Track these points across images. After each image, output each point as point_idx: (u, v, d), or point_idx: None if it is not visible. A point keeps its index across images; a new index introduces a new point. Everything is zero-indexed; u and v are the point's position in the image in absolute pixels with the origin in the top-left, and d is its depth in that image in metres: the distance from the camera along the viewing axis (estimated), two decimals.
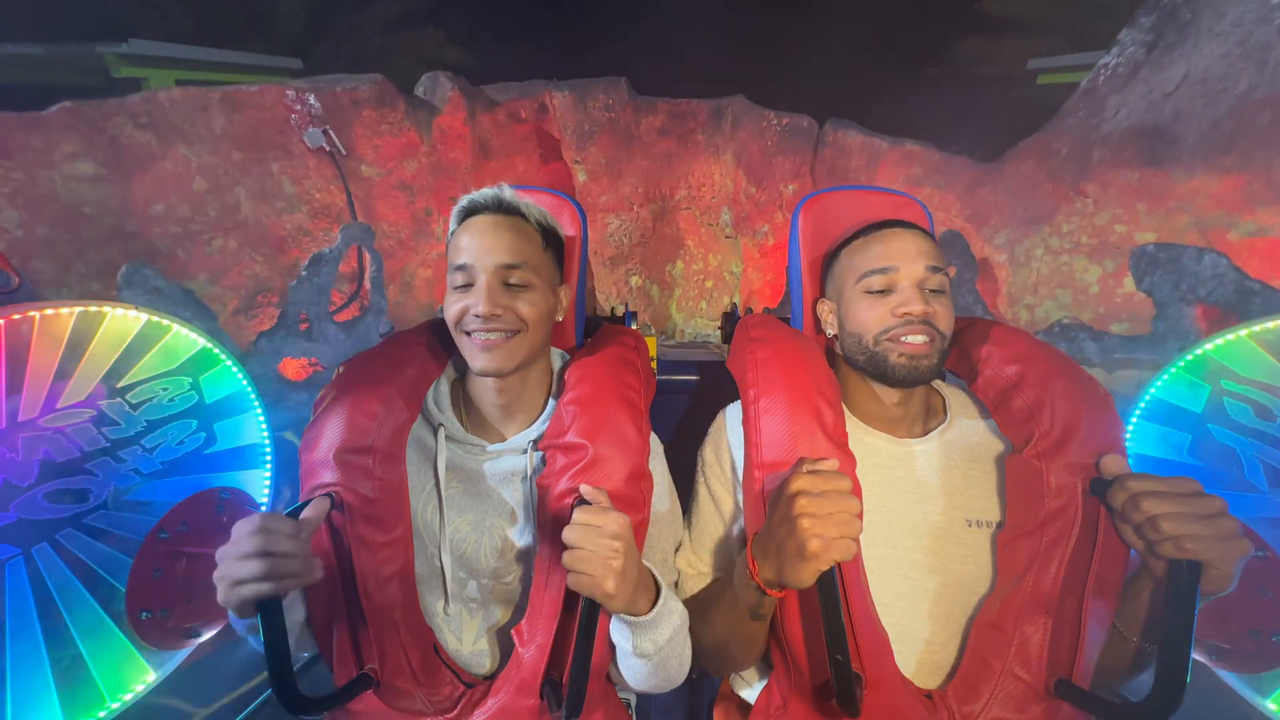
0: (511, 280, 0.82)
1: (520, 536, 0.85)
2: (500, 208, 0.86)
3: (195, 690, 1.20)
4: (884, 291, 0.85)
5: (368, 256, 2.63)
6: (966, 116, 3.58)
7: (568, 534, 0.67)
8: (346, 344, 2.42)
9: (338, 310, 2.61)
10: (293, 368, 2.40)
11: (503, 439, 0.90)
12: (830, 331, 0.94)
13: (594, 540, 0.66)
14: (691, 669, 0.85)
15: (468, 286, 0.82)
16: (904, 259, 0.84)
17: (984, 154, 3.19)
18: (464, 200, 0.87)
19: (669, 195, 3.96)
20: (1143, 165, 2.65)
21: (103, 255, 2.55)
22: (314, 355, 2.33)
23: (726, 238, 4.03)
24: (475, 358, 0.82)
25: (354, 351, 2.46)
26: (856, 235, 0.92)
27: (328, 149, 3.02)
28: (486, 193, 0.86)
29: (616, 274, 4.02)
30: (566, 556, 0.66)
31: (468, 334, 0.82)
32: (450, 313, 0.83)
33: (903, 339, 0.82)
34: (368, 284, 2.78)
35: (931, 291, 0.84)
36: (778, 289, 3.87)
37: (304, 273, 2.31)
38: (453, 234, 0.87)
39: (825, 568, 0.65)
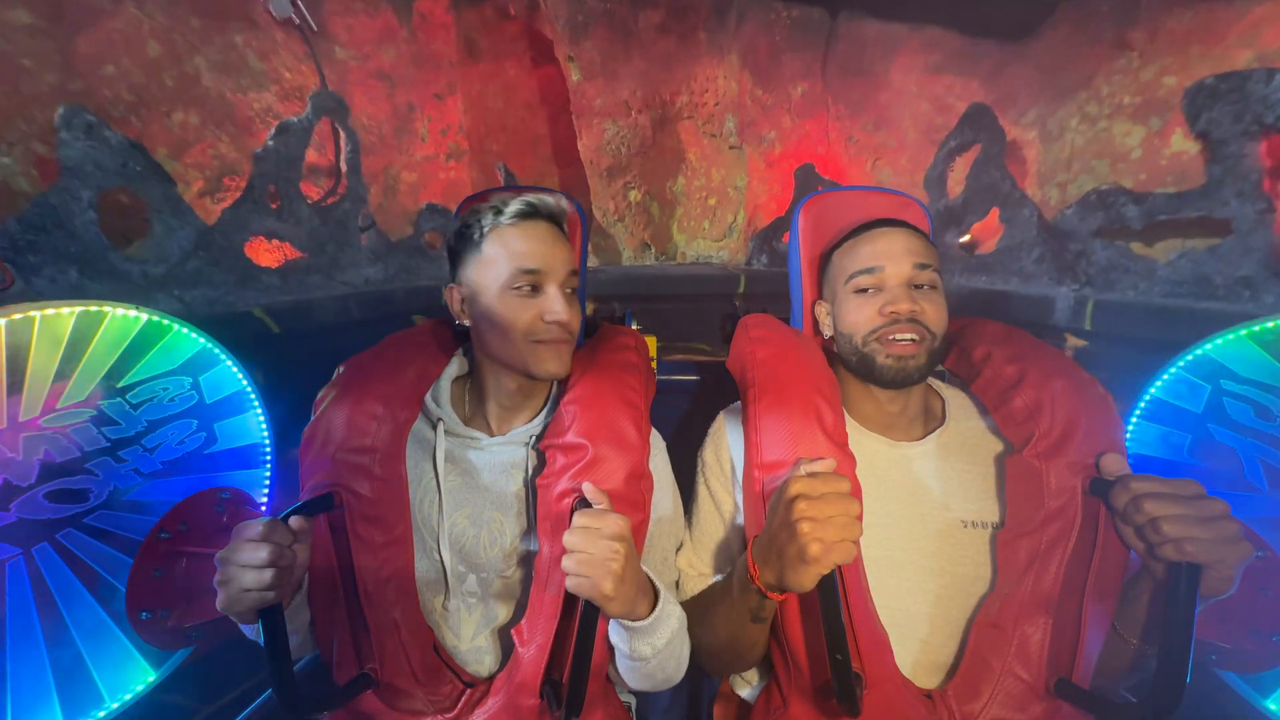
0: (572, 285, 0.87)
1: (519, 531, 0.86)
2: (556, 218, 0.88)
3: (198, 687, 1.20)
4: (872, 292, 0.86)
5: (342, 135, 2.40)
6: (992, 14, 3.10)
7: (568, 538, 0.67)
8: (322, 230, 2.25)
9: (316, 204, 2.37)
10: (265, 255, 2.18)
11: (503, 435, 0.90)
12: (827, 333, 0.95)
13: (594, 542, 0.66)
14: (692, 669, 0.85)
15: (534, 291, 0.83)
16: (890, 258, 0.85)
17: (1014, 34, 2.83)
18: (519, 202, 0.86)
19: (669, 102, 3.61)
20: (1198, 1, 2.27)
21: (46, 114, 2.23)
22: (285, 238, 2.13)
23: (731, 148, 3.69)
24: (546, 362, 0.84)
25: (329, 239, 2.34)
26: (847, 237, 0.92)
27: (296, 21, 2.72)
28: (546, 200, 0.87)
29: (614, 186, 3.69)
30: (566, 559, 0.66)
31: (530, 339, 0.83)
32: (515, 319, 0.82)
33: (890, 338, 0.83)
34: (343, 166, 2.55)
35: (919, 289, 0.84)
36: (783, 201, 3.64)
37: (270, 142, 2.09)
38: (499, 227, 0.85)
39: (826, 571, 0.65)
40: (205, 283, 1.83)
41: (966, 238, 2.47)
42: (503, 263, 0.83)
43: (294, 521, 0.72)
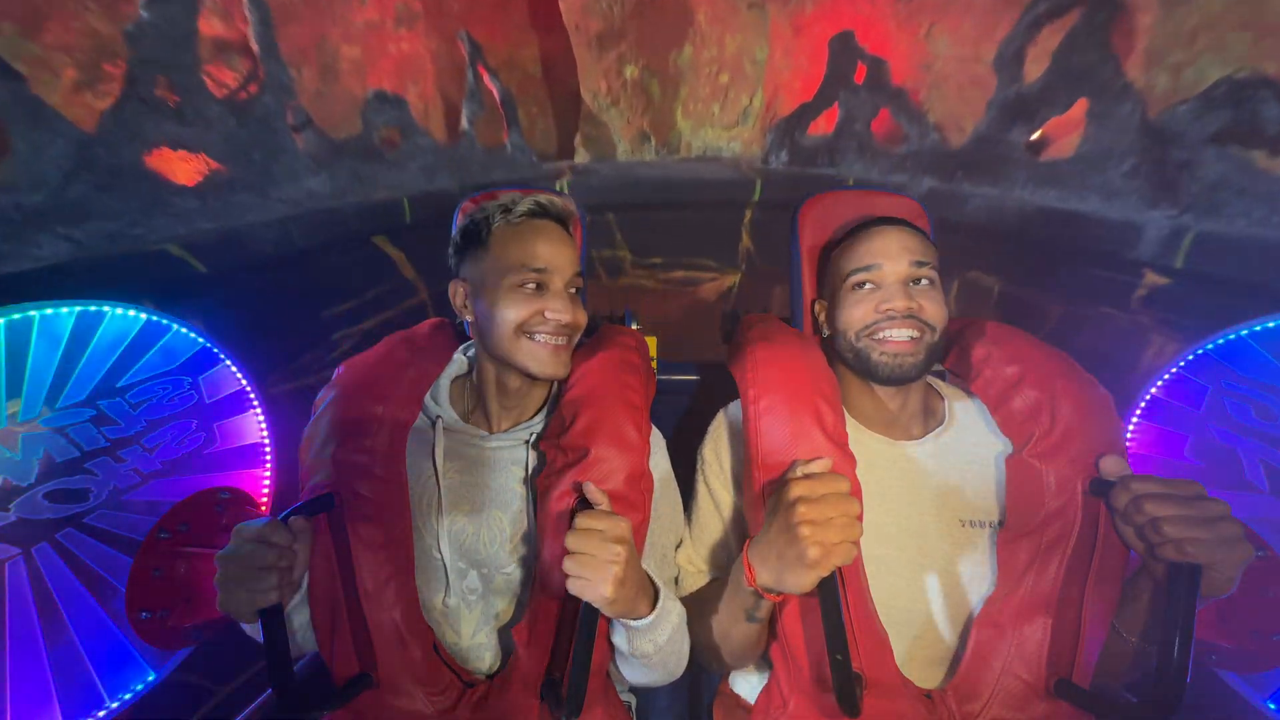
0: (576, 285, 0.88)
1: (519, 529, 0.86)
2: (563, 219, 0.90)
3: (213, 668, 1.20)
4: (870, 289, 0.86)
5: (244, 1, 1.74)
6: None
7: (569, 540, 0.67)
8: (240, 133, 1.68)
9: (229, 98, 1.77)
10: (180, 168, 1.63)
11: (502, 432, 0.90)
12: (826, 332, 0.95)
13: (594, 545, 0.66)
14: (691, 668, 0.85)
15: (539, 290, 0.85)
16: (887, 256, 0.85)
17: None
18: (529, 201, 0.88)
19: None
20: None
21: None
22: (197, 146, 1.60)
23: (750, 8, 2.94)
24: (545, 363, 0.85)
25: (251, 143, 1.80)
26: (845, 235, 0.93)
27: None
28: (555, 201, 0.90)
29: (606, 60, 2.98)
30: (567, 561, 0.66)
31: (531, 336, 0.84)
32: (517, 315, 0.84)
33: (885, 335, 0.83)
34: (254, 45, 1.85)
35: (917, 285, 0.85)
36: (811, 80, 2.89)
37: (144, 14, 1.48)
38: (508, 226, 0.86)
39: (826, 573, 0.65)
40: (99, 213, 1.37)
41: (1037, 134, 1.93)
42: (510, 260, 0.85)
43: (294, 522, 0.72)
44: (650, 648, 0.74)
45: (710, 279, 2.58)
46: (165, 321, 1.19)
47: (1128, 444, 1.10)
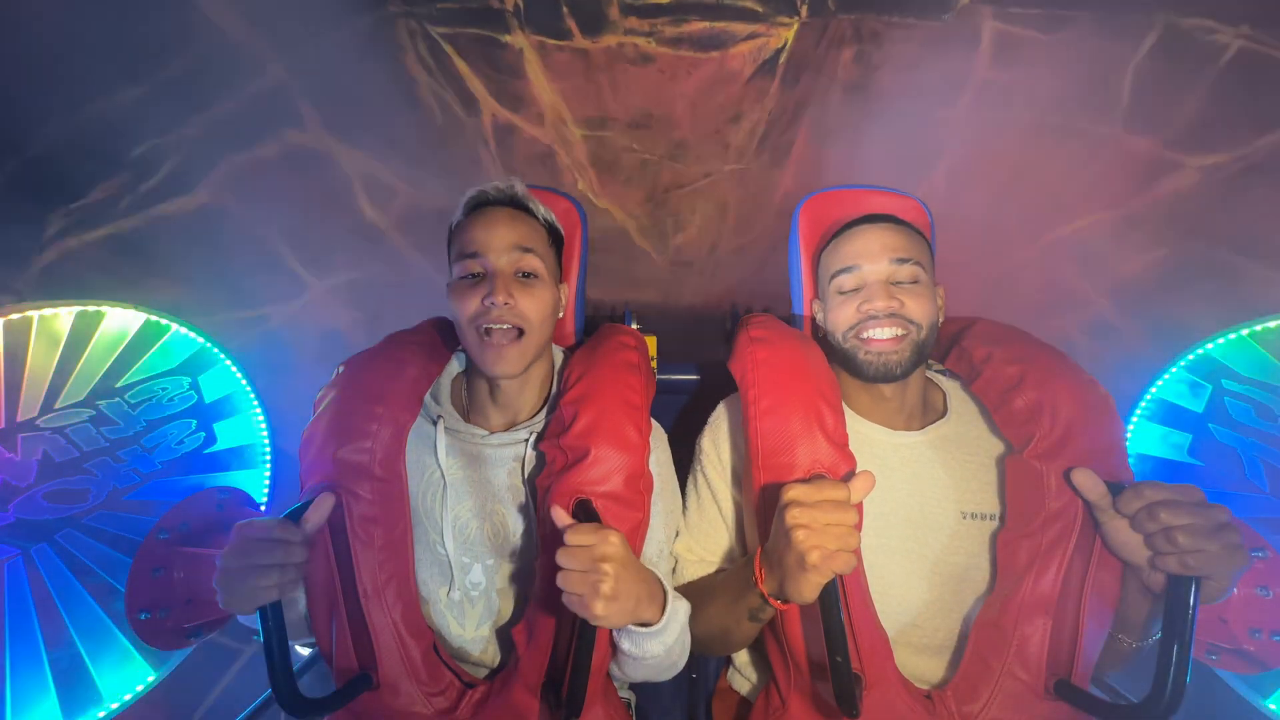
0: (522, 268, 0.85)
1: (521, 528, 0.86)
2: (512, 202, 0.88)
3: (242, 629, 1.19)
4: (853, 290, 0.87)
5: None
6: None
7: (560, 557, 0.66)
8: None
9: None
10: None
11: (503, 430, 0.90)
12: (823, 331, 0.96)
13: (584, 563, 0.65)
14: (694, 671, 0.85)
15: (480, 277, 0.84)
16: (868, 257, 0.86)
17: None
18: (474, 191, 0.88)
19: None
20: None
21: None
22: None
23: None
24: (487, 363, 0.83)
25: None
26: (832, 236, 0.94)
27: None
28: (499, 185, 0.89)
29: None
30: (559, 577, 0.66)
31: (482, 333, 0.83)
32: (466, 309, 0.83)
33: (869, 335, 0.84)
34: None
35: (900, 284, 0.85)
36: None
37: None
38: (457, 224, 0.88)
39: (826, 580, 0.65)
40: None
41: None
42: (456, 255, 0.86)
43: (311, 513, 0.73)
44: (660, 649, 0.74)
45: (746, 35, 1.57)
46: (165, 321, 1.19)
47: (1128, 444, 1.10)
